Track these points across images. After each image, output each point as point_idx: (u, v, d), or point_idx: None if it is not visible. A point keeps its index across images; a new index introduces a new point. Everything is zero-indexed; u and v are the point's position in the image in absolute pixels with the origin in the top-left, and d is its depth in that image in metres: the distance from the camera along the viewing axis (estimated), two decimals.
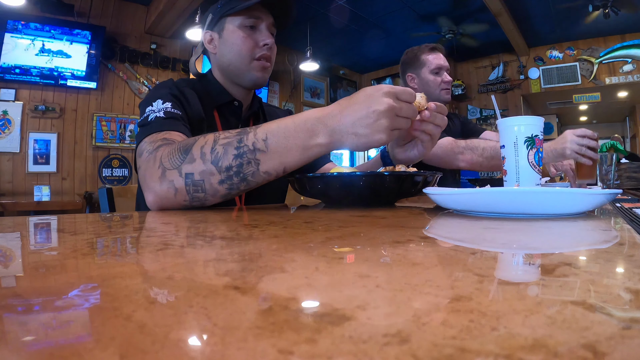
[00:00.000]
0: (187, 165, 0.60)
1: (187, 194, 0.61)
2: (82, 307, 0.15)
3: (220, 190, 0.60)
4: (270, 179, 0.61)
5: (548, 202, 0.43)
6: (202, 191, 0.60)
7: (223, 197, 0.62)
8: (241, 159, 0.58)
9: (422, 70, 1.50)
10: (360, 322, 0.12)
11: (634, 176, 1.35)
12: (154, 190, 0.62)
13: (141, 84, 3.89)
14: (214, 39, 0.90)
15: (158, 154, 0.64)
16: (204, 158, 0.59)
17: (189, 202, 0.62)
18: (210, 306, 0.14)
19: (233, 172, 0.58)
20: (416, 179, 0.65)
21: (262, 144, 0.58)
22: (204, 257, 0.24)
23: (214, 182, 0.59)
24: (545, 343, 0.10)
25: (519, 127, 0.61)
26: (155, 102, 0.76)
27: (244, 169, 0.58)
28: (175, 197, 0.61)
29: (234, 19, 0.86)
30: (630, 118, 6.53)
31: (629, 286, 0.17)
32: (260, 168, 0.58)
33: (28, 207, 2.95)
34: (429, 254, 0.24)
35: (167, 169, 0.61)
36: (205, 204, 0.63)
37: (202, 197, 0.61)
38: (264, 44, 0.86)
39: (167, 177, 0.61)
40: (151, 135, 0.70)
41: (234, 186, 0.60)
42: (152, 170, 0.63)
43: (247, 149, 0.58)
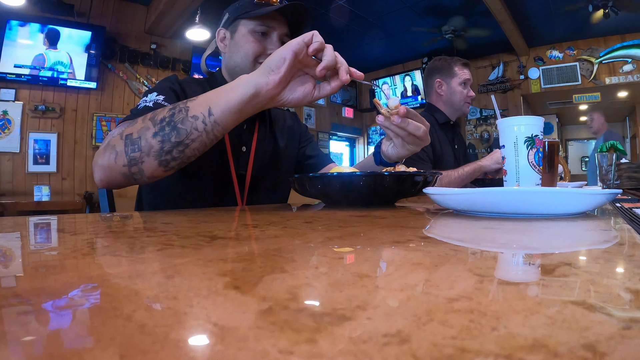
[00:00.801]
0: (128, 129, 0.63)
1: (125, 156, 0.62)
2: (82, 307, 0.15)
3: (154, 144, 0.61)
4: (197, 125, 0.61)
5: (548, 202, 0.43)
6: (138, 149, 0.61)
7: (157, 156, 0.61)
8: (174, 110, 0.62)
9: (452, 79, 1.62)
10: (360, 322, 0.12)
11: (634, 176, 1.35)
12: (98, 163, 0.64)
13: (141, 84, 3.89)
14: (226, 38, 0.91)
15: (113, 131, 0.67)
16: (144, 119, 0.63)
17: (128, 165, 0.62)
18: (210, 306, 0.14)
19: (165, 123, 0.61)
20: (416, 179, 0.65)
21: (195, 97, 0.63)
22: (204, 257, 0.24)
23: (148, 136, 0.61)
24: (545, 343, 0.10)
25: (519, 127, 0.61)
26: (152, 93, 0.78)
27: (175, 117, 0.61)
28: (116, 161, 0.62)
29: (247, 23, 0.87)
30: (630, 118, 6.53)
31: (629, 286, 0.17)
32: (188, 113, 0.61)
33: (28, 207, 2.95)
34: (429, 254, 0.24)
35: (112, 136, 0.64)
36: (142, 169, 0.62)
37: (139, 157, 0.61)
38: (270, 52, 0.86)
39: (110, 144, 0.63)
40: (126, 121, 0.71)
41: (166, 137, 0.61)
42: (101, 147, 0.66)
43: (181, 103, 0.63)
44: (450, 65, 1.63)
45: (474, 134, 5.29)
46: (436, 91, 1.64)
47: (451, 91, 1.61)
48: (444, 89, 1.63)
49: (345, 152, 6.32)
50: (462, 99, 1.61)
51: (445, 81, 1.63)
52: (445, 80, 1.63)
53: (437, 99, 1.67)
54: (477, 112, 5.27)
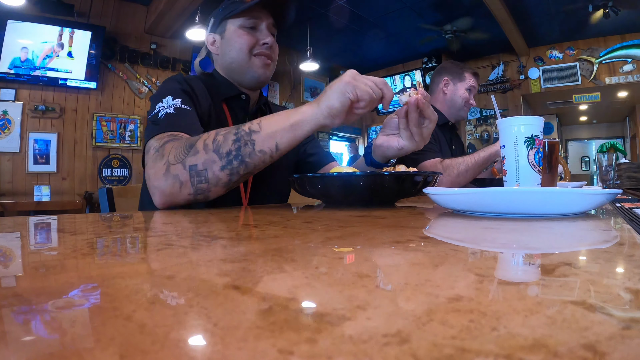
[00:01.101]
0: (191, 158, 0.64)
1: (191, 186, 0.64)
2: (82, 307, 0.15)
3: (222, 177, 0.64)
4: (265, 159, 0.65)
5: (548, 202, 0.43)
6: (205, 181, 0.64)
7: (224, 186, 0.65)
8: (239, 142, 0.64)
9: (460, 83, 1.67)
10: (360, 322, 0.12)
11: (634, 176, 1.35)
12: (160, 188, 0.65)
13: (141, 84, 3.89)
14: (216, 41, 0.92)
15: (165, 150, 0.67)
16: (206, 149, 0.64)
17: (193, 194, 0.64)
18: (210, 306, 0.14)
19: (232, 156, 0.63)
20: (416, 179, 0.65)
21: (256, 126, 0.65)
22: (204, 257, 0.24)
23: (215, 169, 0.63)
24: (545, 343, 0.10)
25: (519, 127, 0.61)
26: (166, 98, 0.77)
27: (241, 151, 0.63)
28: (181, 190, 0.64)
29: (234, 21, 0.89)
30: (630, 118, 6.53)
31: (629, 286, 0.17)
32: (255, 147, 0.64)
33: (28, 207, 2.95)
34: (429, 254, 0.24)
35: (172, 164, 0.64)
36: (208, 196, 0.65)
37: (206, 188, 0.64)
38: (263, 42, 0.88)
39: (171, 172, 0.64)
40: (160, 135, 0.71)
41: (234, 170, 0.64)
42: (157, 167, 0.66)
43: (244, 132, 0.64)
44: (461, 69, 1.69)
45: (474, 134, 5.29)
46: (442, 89, 1.68)
47: (455, 92, 1.65)
48: (450, 89, 1.67)
49: (345, 151, 6.32)
50: (463, 102, 1.65)
51: (452, 81, 1.67)
52: (452, 81, 1.67)
53: (439, 99, 1.69)
54: (477, 112, 5.27)
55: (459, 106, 1.66)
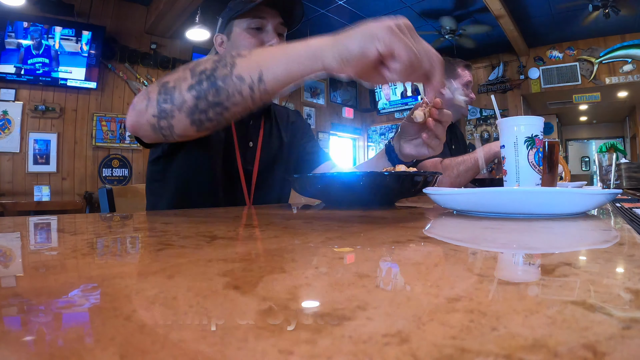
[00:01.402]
0: (167, 76, 0.57)
1: (156, 105, 0.55)
2: (82, 307, 0.15)
3: (188, 99, 0.53)
4: (242, 89, 0.51)
5: (548, 202, 0.43)
6: (170, 101, 0.54)
7: (189, 113, 0.54)
8: (218, 63, 0.53)
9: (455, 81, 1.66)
10: (360, 322, 0.12)
11: (634, 176, 1.35)
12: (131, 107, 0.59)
13: (141, 84, 3.89)
14: (223, 42, 0.92)
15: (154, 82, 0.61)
16: (184, 67, 0.56)
17: (157, 117, 0.56)
18: (210, 306, 0.14)
19: (205, 76, 0.53)
20: (416, 179, 0.65)
21: (246, 52, 0.54)
22: (204, 257, 0.24)
23: (183, 88, 0.53)
24: (545, 343, 0.10)
25: (519, 127, 0.61)
26: None
27: (217, 72, 0.52)
28: (147, 109, 0.56)
29: (241, 22, 0.87)
30: (630, 118, 6.53)
31: (629, 286, 0.17)
32: (233, 71, 0.51)
33: (28, 207, 2.95)
34: (429, 254, 0.24)
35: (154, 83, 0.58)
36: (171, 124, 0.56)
37: (169, 110, 0.54)
38: (269, 44, 0.86)
39: (147, 89, 0.58)
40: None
41: (202, 93, 0.52)
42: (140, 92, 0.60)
43: (228, 55, 0.53)
44: (452, 66, 1.67)
45: (474, 134, 5.28)
46: None
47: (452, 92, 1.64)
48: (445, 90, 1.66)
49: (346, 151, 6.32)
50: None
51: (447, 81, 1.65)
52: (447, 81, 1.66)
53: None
54: (477, 112, 5.27)
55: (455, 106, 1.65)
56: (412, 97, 5.47)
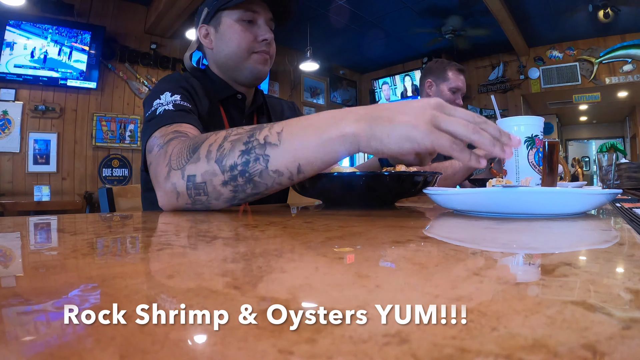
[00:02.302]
0: (190, 166, 0.54)
1: (188, 198, 0.55)
2: (82, 307, 0.15)
3: (224, 192, 0.52)
4: (283, 181, 0.50)
5: (548, 202, 0.43)
6: (204, 194, 0.54)
7: (228, 202, 0.55)
8: (248, 156, 0.49)
9: (443, 83, 1.60)
10: (360, 322, 0.12)
11: (634, 176, 1.35)
12: (163, 189, 0.57)
13: (141, 84, 3.89)
14: (210, 34, 0.86)
15: (169, 149, 0.59)
16: (208, 157, 0.52)
17: (192, 204, 0.56)
18: (210, 306, 0.14)
19: (238, 172, 0.50)
20: (416, 179, 0.65)
21: (275, 137, 0.49)
22: (204, 257, 0.24)
23: (216, 183, 0.52)
24: (545, 343, 0.10)
25: (519, 127, 0.61)
26: (164, 95, 0.72)
27: (250, 168, 0.49)
28: (178, 200, 0.56)
29: (231, 13, 0.83)
30: (630, 118, 6.53)
31: (629, 286, 0.17)
32: (269, 166, 0.49)
33: (28, 207, 2.95)
34: (429, 254, 0.24)
35: (173, 169, 0.56)
36: (210, 207, 0.57)
37: (205, 201, 0.55)
38: (262, 39, 0.83)
39: (170, 179, 0.56)
40: (161, 129, 0.65)
41: (239, 188, 0.51)
42: (161, 168, 0.58)
43: (256, 143, 0.49)
44: (444, 68, 1.62)
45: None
46: (426, 91, 1.65)
47: (439, 94, 1.60)
48: (433, 90, 1.62)
49: None
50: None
51: (435, 83, 1.62)
52: (435, 82, 1.62)
53: None
54: (477, 112, 5.27)
55: None
56: (412, 97, 5.47)
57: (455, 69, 1.61)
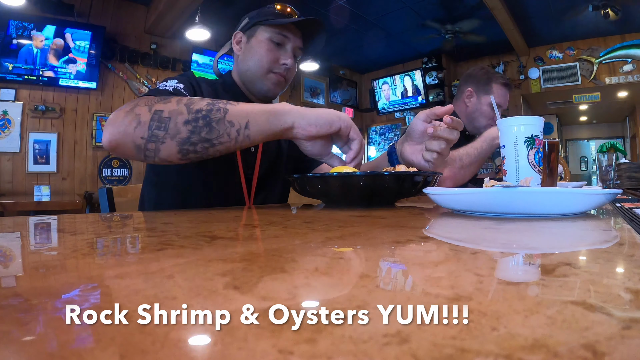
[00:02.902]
0: (159, 104, 0.61)
1: (147, 130, 0.59)
2: (82, 307, 0.15)
3: (182, 131, 0.59)
4: (231, 133, 0.61)
5: (548, 202, 0.43)
6: (164, 129, 0.59)
7: (180, 143, 0.60)
8: (212, 106, 0.62)
9: (484, 96, 1.44)
10: (360, 322, 0.12)
11: (634, 176, 1.35)
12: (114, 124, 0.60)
13: (141, 84, 3.89)
14: (242, 41, 0.93)
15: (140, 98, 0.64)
16: (179, 102, 0.61)
17: (146, 140, 0.59)
18: (210, 306, 0.14)
19: (201, 115, 0.60)
20: (416, 179, 0.65)
21: (234, 102, 0.64)
22: (204, 257, 0.24)
23: (179, 121, 0.60)
24: (545, 343, 0.10)
25: (519, 127, 0.61)
26: (171, 81, 0.79)
27: (211, 114, 0.61)
28: (135, 130, 0.59)
29: (265, 30, 0.89)
30: (630, 118, 6.53)
31: (629, 286, 0.17)
32: (226, 116, 0.61)
33: (28, 207, 2.94)
34: (429, 254, 0.24)
35: (139, 105, 0.61)
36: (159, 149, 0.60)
37: (161, 136, 0.59)
38: (283, 62, 0.89)
39: (134, 111, 0.60)
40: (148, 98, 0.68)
41: (197, 129, 0.60)
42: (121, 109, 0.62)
43: (220, 103, 0.63)
44: (489, 78, 1.45)
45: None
46: (464, 100, 1.48)
47: (478, 107, 1.44)
48: (473, 102, 1.46)
49: None
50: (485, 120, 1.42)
51: (476, 93, 1.45)
52: (477, 93, 1.45)
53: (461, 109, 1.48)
54: None
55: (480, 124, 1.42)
56: (412, 97, 5.47)
57: (501, 83, 1.44)
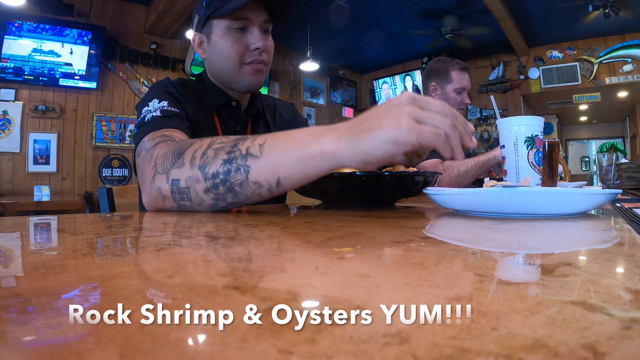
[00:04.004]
0: (175, 170, 0.55)
1: (173, 202, 0.56)
2: (82, 307, 0.15)
3: (206, 200, 0.54)
4: (262, 193, 0.51)
5: (548, 202, 0.43)
6: (187, 199, 0.55)
7: (211, 208, 0.56)
8: (230, 165, 0.51)
9: (447, 85, 1.55)
10: (360, 322, 0.12)
11: (634, 176, 1.35)
12: (148, 191, 0.59)
13: (141, 84, 3.89)
14: (203, 42, 0.84)
15: (155, 152, 0.60)
16: (192, 162, 0.54)
17: (177, 208, 0.57)
18: (210, 306, 0.14)
19: (219, 180, 0.51)
20: (416, 179, 0.65)
21: (256, 148, 0.50)
22: (204, 257, 0.24)
23: (199, 190, 0.53)
24: (545, 343, 0.10)
25: (519, 127, 0.61)
26: (151, 102, 0.73)
27: (231, 177, 0.51)
28: (164, 203, 0.57)
29: (220, 22, 0.79)
30: (630, 118, 6.53)
31: (629, 286, 0.17)
32: (249, 177, 0.50)
33: (28, 207, 2.95)
34: (429, 254, 0.24)
35: (158, 172, 0.58)
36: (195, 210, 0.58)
37: (189, 206, 0.56)
38: (255, 47, 0.79)
39: (156, 182, 0.57)
40: (150, 134, 0.67)
41: (220, 197, 0.53)
42: (147, 171, 0.60)
43: (238, 153, 0.51)
44: (447, 68, 1.57)
45: (474, 134, 5.28)
46: (431, 95, 1.61)
47: (445, 97, 1.56)
48: (439, 94, 1.58)
49: None
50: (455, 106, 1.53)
51: (440, 86, 1.58)
52: (440, 85, 1.58)
53: None
54: (477, 112, 5.27)
55: None
56: None
57: (458, 68, 1.56)
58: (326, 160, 0.47)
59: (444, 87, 1.57)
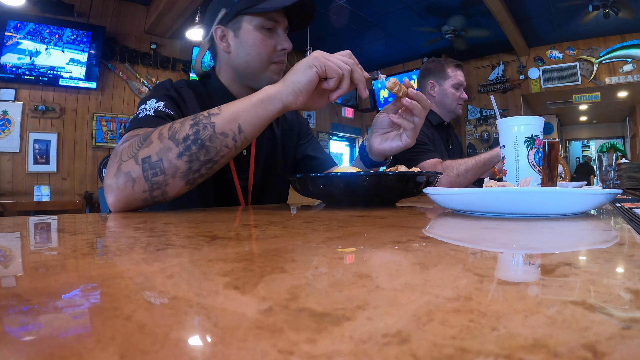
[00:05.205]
0: (143, 150, 0.58)
1: (145, 182, 0.57)
2: (82, 307, 0.15)
3: (180, 165, 0.57)
4: (228, 143, 0.59)
5: (548, 202, 0.43)
6: (160, 172, 0.57)
7: (184, 176, 0.58)
8: (197, 126, 0.58)
9: (445, 81, 1.63)
10: (360, 322, 0.12)
11: (634, 176, 1.35)
12: (112, 188, 0.58)
13: (141, 84, 3.89)
14: (227, 36, 0.83)
15: (121, 147, 0.61)
16: (161, 138, 0.58)
17: (149, 190, 0.58)
18: (210, 306, 0.14)
19: (190, 141, 0.57)
20: (419, 179, 0.65)
21: (216, 110, 0.61)
22: (204, 257, 0.24)
23: (172, 157, 0.57)
24: (545, 343, 0.10)
25: (519, 127, 0.61)
26: (150, 101, 0.74)
27: (200, 135, 0.58)
28: (134, 188, 0.57)
29: (252, 19, 0.80)
30: (630, 118, 6.53)
31: (629, 286, 0.17)
32: (216, 129, 0.59)
33: (28, 207, 2.95)
34: (429, 254, 0.24)
35: (124, 160, 0.58)
36: (166, 191, 0.59)
37: (162, 180, 0.57)
38: (282, 48, 0.82)
39: (122, 170, 0.58)
40: (133, 131, 0.67)
41: (193, 157, 0.58)
42: (110, 167, 0.60)
43: (202, 117, 0.60)
44: (442, 67, 1.64)
45: (474, 134, 5.28)
46: (429, 92, 1.66)
47: (443, 93, 1.63)
48: (437, 91, 1.64)
49: (345, 152, 6.31)
50: (454, 101, 1.63)
51: (437, 83, 1.64)
52: (437, 82, 1.65)
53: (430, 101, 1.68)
54: (477, 112, 5.27)
55: (451, 105, 1.63)
56: None
57: (453, 65, 1.64)
58: (272, 102, 0.62)
59: (442, 83, 1.63)
